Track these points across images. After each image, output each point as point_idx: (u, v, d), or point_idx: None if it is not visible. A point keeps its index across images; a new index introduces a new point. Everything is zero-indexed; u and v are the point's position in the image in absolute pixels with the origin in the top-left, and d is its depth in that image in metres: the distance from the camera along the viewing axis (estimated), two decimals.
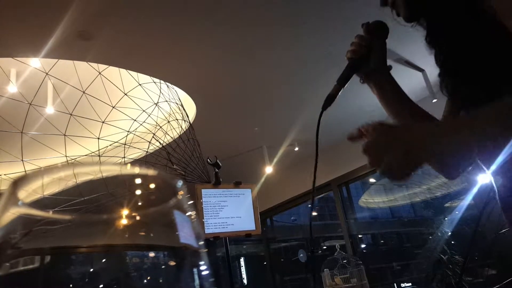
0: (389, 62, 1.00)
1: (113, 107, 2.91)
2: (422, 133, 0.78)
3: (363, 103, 3.78)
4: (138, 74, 3.04)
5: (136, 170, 0.32)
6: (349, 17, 2.59)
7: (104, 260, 0.34)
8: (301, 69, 3.20)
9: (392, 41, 0.93)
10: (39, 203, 0.29)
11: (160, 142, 3.16)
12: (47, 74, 2.77)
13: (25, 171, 3.10)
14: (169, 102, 3.21)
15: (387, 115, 1.00)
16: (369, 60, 0.97)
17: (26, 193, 0.29)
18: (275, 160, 4.77)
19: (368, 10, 2.62)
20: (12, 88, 2.85)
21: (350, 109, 4.07)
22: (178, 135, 3.25)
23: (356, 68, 0.98)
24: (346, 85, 0.97)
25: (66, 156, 3.10)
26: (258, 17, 2.59)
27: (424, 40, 0.91)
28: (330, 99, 0.97)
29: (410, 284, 5.22)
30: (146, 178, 0.32)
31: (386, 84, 0.98)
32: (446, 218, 4.40)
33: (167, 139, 3.20)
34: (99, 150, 3.22)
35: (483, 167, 0.86)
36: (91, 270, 0.32)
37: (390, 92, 0.98)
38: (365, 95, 3.68)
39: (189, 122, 3.45)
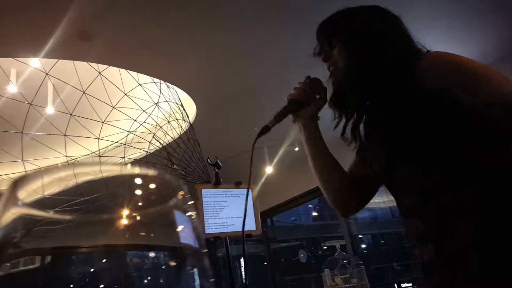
0: None
1: (113, 107, 2.91)
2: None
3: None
4: (138, 74, 3.04)
5: (137, 170, 0.32)
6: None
7: (104, 260, 0.34)
8: (301, 69, 3.18)
9: None
10: (39, 203, 0.29)
11: (160, 142, 3.16)
12: (47, 74, 2.77)
13: (26, 171, 3.10)
14: (169, 102, 3.21)
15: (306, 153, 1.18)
16: (305, 107, 1.14)
17: (27, 193, 0.29)
18: (275, 160, 4.76)
19: None
20: (12, 88, 2.85)
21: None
22: (178, 135, 3.25)
23: (294, 110, 1.14)
24: (280, 122, 1.12)
25: (66, 156, 3.10)
26: (258, 17, 2.59)
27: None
28: (264, 130, 1.14)
29: (410, 284, 5.22)
30: (146, 178, 0.32)
31: (313, 130, 1.17)
32: None
33: (167, 139, 3.20)
34: (99, 150, 3.22)
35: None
36: (92, 270, 0.32)
37: (316, 138, 1.16)
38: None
39: (189, 122, 3.45)
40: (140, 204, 0.32)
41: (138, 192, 0.32)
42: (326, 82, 1.14)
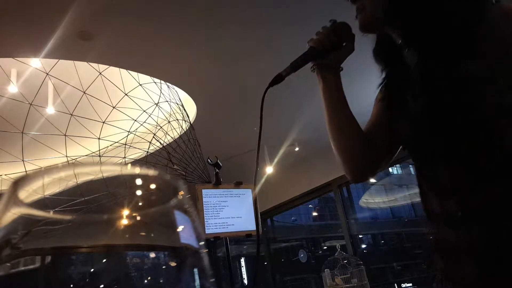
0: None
1: (114, 107, 2.92)
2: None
3: (363, 103, 3.77)
4: (139, 74, 3.04)
5: (137, 170, 0.32)
6: (349, 18, 2.58)
7: (104, 260, 0.34)
8: (301, 69, 3.19)
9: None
10: (39, 203, 0.29)
11: (160, 142, 3.16)
12: (47, 74, 2.77)
13: (26, 171, 3.10)
14: (169, 102, 3.22)
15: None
16: (329, 55, 0.99)
17: (27, 193, 0.29)
18: (276, 160, 4.76)
19: None
20: (13, 88, 2.86)
21: (352, 109, 4.06)
22: (178, 135, 3.26)
23: (313, 58, 1.01)
24: (297, 71, 1.00)
25: (66, 156, 3.10)
26: (259, 18, 2.59)
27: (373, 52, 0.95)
28: (278, 79, 1.03)
29: (410, 284, 5.22)
30: (146, 178, 0.32)
31: (334, 82, 1.01)
32: None
33: (168, 139, 3.20)
34: (99, 150, 3.22)
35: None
36: (92, 270, 0.32)
37: (334, 91, 1.02)
38: (365, 96, 3.69)
39: (190, 122, 3.46)
40: (140, 204, 0.32)
41: (138, 192, 0.32)
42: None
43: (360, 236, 5.35)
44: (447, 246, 0.79)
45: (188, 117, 3.45)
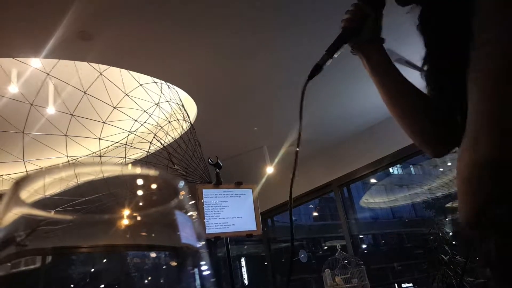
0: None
1: (114, 108, 2.92)
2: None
3: (365, 103, 3.78)
4: (139, 74, 3.04)
5: (137, 170, 0.32)
6: None
7: (105, 260, 0.34)
8: (301, 69, 3.19)
9: (392, 40, 0.93)
10: (40, 203, 0.29)
11: (161, 143, 3.16)
12: (48, 74, 2.78)
13: (27, 171, 3.10)
14: (170, 103, 3.22)
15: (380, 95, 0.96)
16: (362, 31, 0.93)
17: (28, 194, 0.29)
18: (276, 160, 4.76)
19: None
20: (13, 89, 2.86)
21: (351, 110, 4.07)
22: (179, 136, 3.26)
23: (348, 38, 0.95)
24: (335, 55, 0.95)
25: (67, 157, 3.11)
26: (259, 18, 2.59)
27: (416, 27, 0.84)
28: (317, 69, 0.96)
29: (411, 284, 5.22)
30: (147, 179, 0.32)
31: (377, 56, 0.94)
32: (447, 218, 4.40)
33: (168, 140, 3.20)
34: (100, 150, 3.22)
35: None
36: (92, 270, 0.32)
37: (381, 65, 0.94)
38: (366, 96, 3.69)
39: (190, 123, 3.46)
40: (141, 204, 0.32)
41: (139, 192, 0.32)
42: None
43: (360, 236, 5.35)
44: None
45: (188, 117, 3.45)
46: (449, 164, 4.62)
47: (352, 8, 0.94)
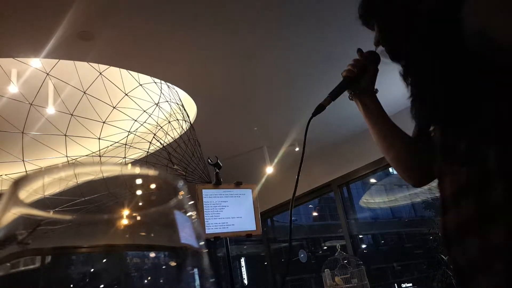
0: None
1: (114, 108, 2.92)
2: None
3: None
4: (139, 74, 3.04)
5: (137, 170, 0.32)
6: (349, 18, 2.59)
7: (104, 260, 0.34)
8: (301, 69, 3.20)
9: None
10: (40, 203, 0.29)
11: (160, 143, 3.16)
12: (48, 74, 2.78)
13: (26, 171, 3.10)
14: (169, 103, 3.22)
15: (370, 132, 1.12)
16: (360, 81, 1.10)
17: (27, 193, 0.29)
18: (276, 160, 4.77)
19: None
20: (13, 88, 2.86)
21: (351, 110, 4.06)
22: (178, 135, 3.26)
23: (348, 86, 1.11)
24: (336, 99, 1.11)
25: (66, 156, 3.10)
26: (258, 18, 2.59)
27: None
28: (320, 109, 1.12)
29: (410, 284, 5.22)
30: (146, 178, 0.32)
31: (371, 104, 1.10)
32: None
33: (168, 139, 3.20)
34: (99, 150, 3.22)
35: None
36: (92, 270, 0.32)
37: (374, 111, 1.10)
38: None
39: (190, 122, 3.46)
40: (140, 204, 0.32)
41: (139, 192, 0.32)
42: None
43: (360, 236, 5.35)
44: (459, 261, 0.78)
45: (188, 117, 3.45)
46: None
47: (353, 62, 1.11)
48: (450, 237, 0.77)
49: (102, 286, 0.31)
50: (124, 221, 0.30)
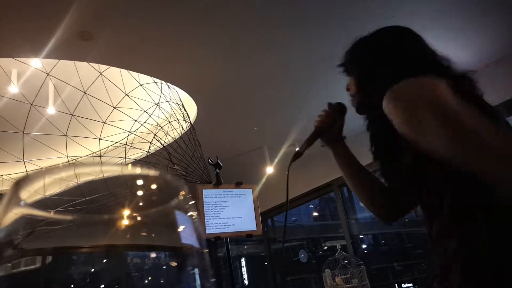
0: None
1: (114, 108, 2.92)
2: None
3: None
4: (139, 74, 3.04)
5: (137, 170, 0.32)
6: (348, 18, 2.59)
7: (105, 260, 0.34)
8: (301, 69, 3.20)
9: None
10: (40, 204, 0.29)
11: (161, 143, 3.16)
12: (48, 74, 2.78)
13: (27, 171, 3.10)
14: (170, 103, 3.22)
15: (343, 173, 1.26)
16: (331, 131, 1.25)
17: (28, 194, 0.29)
18: (276, 160, 4.76)
19: (366, 12, 2.62)
20: (13, 89, 2.86)
21: (351, 110, 4.06)
22: (179, 136, 3.26)
23: (320, 135, 1.25)
24: (310, 146, 1.24)
25: (67, 157, 3.11)
26: (258, 19, 2.59)
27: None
28: (297, 155, 1.25)
29: (411, 284, 5.21)
30: (147, 179, 0.32)
31: (341, 150, 1.26)
32: None
33: (168, 140, 3.20)
34: (100, 150, 3.22)
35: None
36: (92, 270, 0.32)
37: (344, 157, 1.26)
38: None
39: (190, 123, 3.46)
40: (141, 204, 0.32)
41: (139, 192, 0.32)
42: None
43: (360, 236, 5.35)
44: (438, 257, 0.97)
45: (188, 117, 3.45)
46: None
47: (323, 113, 1.27)
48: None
49: (102, 286, 0.31)
50: (125, 221, 0.30)
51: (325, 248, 6.77)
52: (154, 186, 0.33)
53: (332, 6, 2.52)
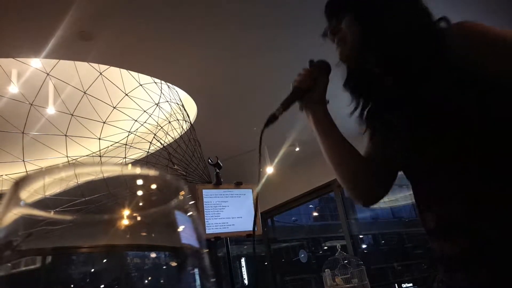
0: None
1: (114, 108, 2.92)
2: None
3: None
4: (139, 74, 3.04)
5: (137, 170, 0.32)
6: None
7: (105, 260, 0.34)
8: (301, 69, 3.19)
9: None
10: (40, 204, 0.29)
11: (161, 143, 3.16)
12: (48, 74, 2.78)
13: (27, 171, 3.10)
14: (170, 103, 3.22)
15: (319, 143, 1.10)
16: (312, 92, 1.08)
17: (28, 194, 0.29)
18: (276, 160, 4.76)
19: None
20: (13, 89, 2.86)
21: (351, 110, 4.05)
22: (179, 136, 3.26)
23: (299, 96, 1.09)
24: (288, 109, 1.09)
25: (67, 157, 3.11)
26: (259, 18, 2.59)
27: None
28: (272, 119, 1.10)
29: (411, 284, 5.21)
30: (147, 179, 0.32)
31: (322, 115, 1.08)
32: None
33: (168, 140, 3.20)
34: (100, 150, 3.22)
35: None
36: (92, 270, 0.32)
37: (324, 123, 1.08)
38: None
39: (190, 123, 3.46)
40: (141, 204, 0.32)
41: (139, 192, 0.32)
42: (337, 63, 1.07)
43: (360, 236, 5.35)
44: (443, 255, 0.84)
45: (188, 117, 3.45)
46: None
47: (303, 72, 1.09)
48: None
49: (102, 286, 0.31)
50: (125, 221, 0.30)
51: (325, 248, 6.78)
52: (154, 186, 0.33)
53: None
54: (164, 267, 0.34)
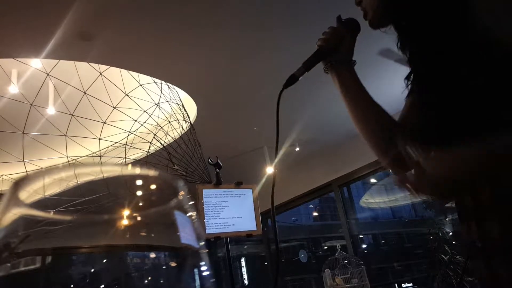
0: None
1: (114, 108, 2.92)
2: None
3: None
4: (139, 74, 3.04)
5: (137, 170, 0.32)
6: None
7: (105, 260, 0.34)
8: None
9: (392, 40, 0.94)
10: (40, 204, 0.29)
11: (161, 143, 3.16)
12: (48, 74, 2.78)
13: (26, 171, 3.10)
14: (170, 103, 3.22)
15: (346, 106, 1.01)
16: (338, 52, 0.99)
17: (28, 194, 0.29)
18: (276, 160, 4.76)
19: None
20: (13, 89, 2.86)
21: None
22: (179, 136, 3.26)
23: (324, 56, 1.02)
24: (310, 70, 1.02)
25: (67, 157, 3.11)
26: (259, 18, 2.59)
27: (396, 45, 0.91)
28: (292, 79, 1.04)
29: (411, 284, 5.22)
30: (147, 179, 0.32)
31: (348, 77, 0.98)
32: (447, 218, 4.40)
33: (168, 140, 3.20)
34: (100, 150, 3.22)
35: None
36: (92, 270, 0.32)
37: (351, 85, 0.98)
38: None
39: (190, 123, 3.46)
40: (140, 204, 0.32)
41: (139, 192, 0.32)
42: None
43: (360, 236, 5.35)
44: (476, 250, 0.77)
45: (188, 117, 3.45)
46: None
47: (329, 30, 1.01)
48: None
49: (102, 286, 0.31)
50: (125, 222, 0.30)
51: (325, 248, 6.78)
52: (154, 186, 0.33)
53: (332, 7, 2.52)
54: (164, 267, 0.34)
